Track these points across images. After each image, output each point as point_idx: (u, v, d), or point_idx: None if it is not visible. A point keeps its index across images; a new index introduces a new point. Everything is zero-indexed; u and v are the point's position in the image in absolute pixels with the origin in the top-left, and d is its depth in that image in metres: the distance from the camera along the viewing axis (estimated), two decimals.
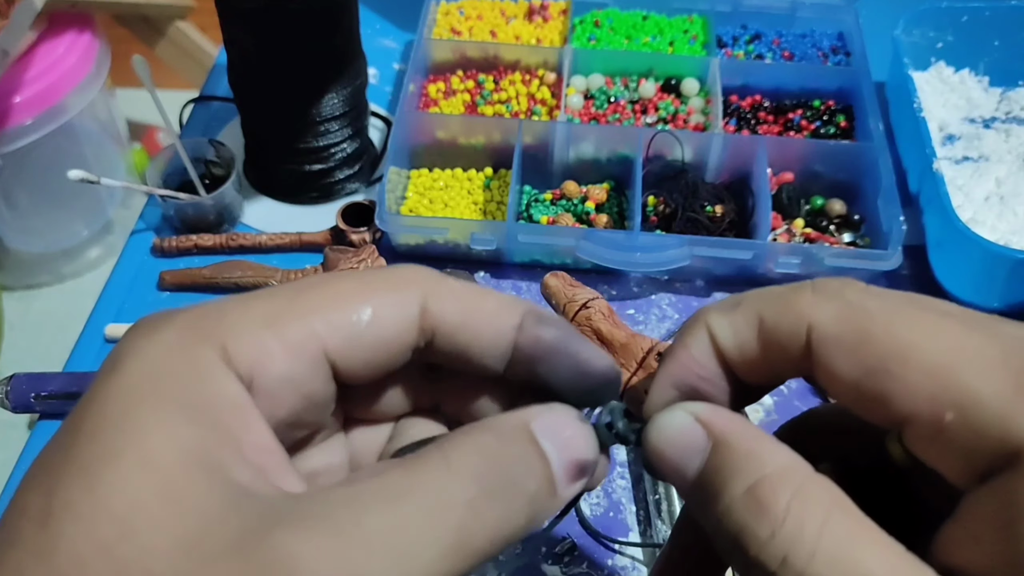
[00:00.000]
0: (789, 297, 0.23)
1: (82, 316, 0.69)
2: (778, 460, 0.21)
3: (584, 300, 0.48)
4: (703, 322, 0.24)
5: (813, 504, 0.20)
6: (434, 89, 0.79)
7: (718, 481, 0.21)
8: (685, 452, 0.22)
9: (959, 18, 0.78)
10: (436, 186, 0.74)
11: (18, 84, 1.17)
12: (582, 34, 0.83)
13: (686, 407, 0.23)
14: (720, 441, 0.22)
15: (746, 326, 0.23)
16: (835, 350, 0.22)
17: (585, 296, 0.48)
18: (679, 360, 0.24)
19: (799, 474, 0.20)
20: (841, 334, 0.21)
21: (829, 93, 0.78)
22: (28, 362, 0.75)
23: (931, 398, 0.20)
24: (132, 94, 1.51)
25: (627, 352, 0.47)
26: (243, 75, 0.72)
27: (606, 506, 0.58)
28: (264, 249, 0.73)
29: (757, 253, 0.66)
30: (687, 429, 0.22)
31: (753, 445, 0.21)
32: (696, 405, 0.23)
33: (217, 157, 0.75)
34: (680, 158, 0.72)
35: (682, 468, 0.22)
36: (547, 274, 0.50)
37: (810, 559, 0.19)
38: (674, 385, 0.24)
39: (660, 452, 0.23)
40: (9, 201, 1.34)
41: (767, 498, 0.20)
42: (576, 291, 0.48)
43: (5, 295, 1.49)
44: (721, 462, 0.21)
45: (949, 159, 0.75)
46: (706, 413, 0.22)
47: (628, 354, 0.47)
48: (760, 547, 0.20)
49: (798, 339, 0.22)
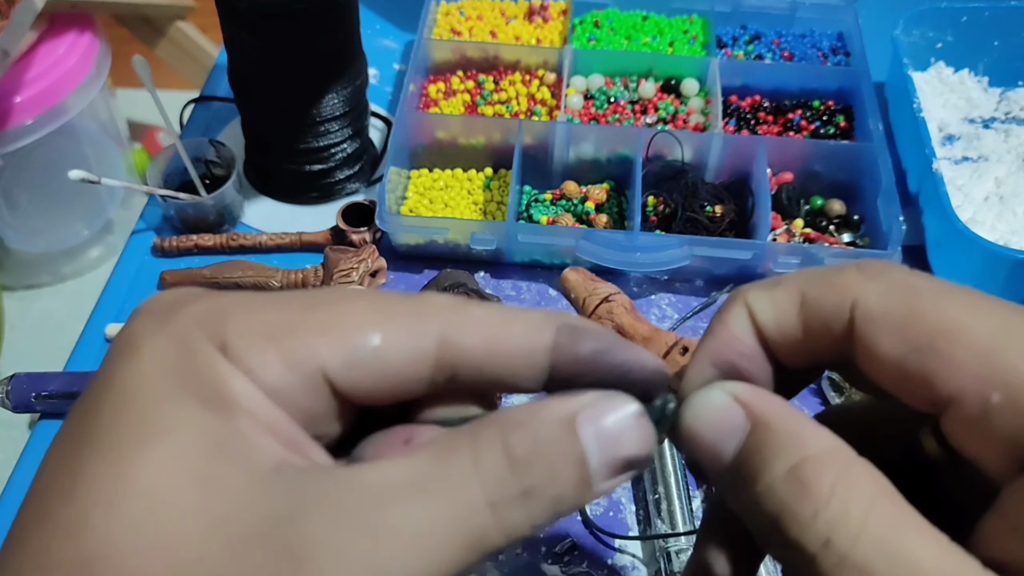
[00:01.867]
0: (833, 275, 0.22)
1: (83, 316, 0.69)
2: (822, 442, 0.20)
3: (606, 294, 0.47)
4: (742, 299, 0.23)
5: (859, 487, 0.19)
6: (434, 89, 0.79)
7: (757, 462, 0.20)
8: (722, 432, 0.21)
9: (959, 18, 0.79)
10: (436, 186, 0.74)
11: (19, 84, 1.17)
12: (582, 34, 0.83)
13: (724, 386, 0.22)
14: (760, 421, 0.21)
15: (788, 303, 0.23)
16: (881, 327, 0.21)
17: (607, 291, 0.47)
18: (717, 337, 0.23)
19: (844, 456, 0.20)
20: (887, 311, 0.21)
21: (829, 93, 0.78)
22: (29, 362, 0.75)
23: (978, 377, 0.19)
24: (133, 94, 1.51)
25: (650, 346, 0.46)
26: (244, 75, 0.72)
27: (606, 506, 0.58)
28: (264, 249, 0.73)
29: (757, 253, 0.66)
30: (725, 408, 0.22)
31: (796, 426, 0.21)
32: (734, 384, 0.22)
33: (217, 157, 0.76)
34: (680, 158, 0.72)
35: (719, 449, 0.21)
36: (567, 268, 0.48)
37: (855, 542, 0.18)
38: (713, 363, 0.23)
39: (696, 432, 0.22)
40: (10, 201, 1.35)
41: (811, 478, 0.19)
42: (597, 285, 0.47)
43: (6, 295, 1.49)
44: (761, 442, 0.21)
45: (948, 159, 0.75)
46: (746, 393, 0.22)
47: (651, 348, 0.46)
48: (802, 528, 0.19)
49: (841, 317, 0.22)
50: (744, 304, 0.23)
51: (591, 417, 0.20)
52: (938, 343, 0.20)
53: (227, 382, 0.20)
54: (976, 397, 0.20)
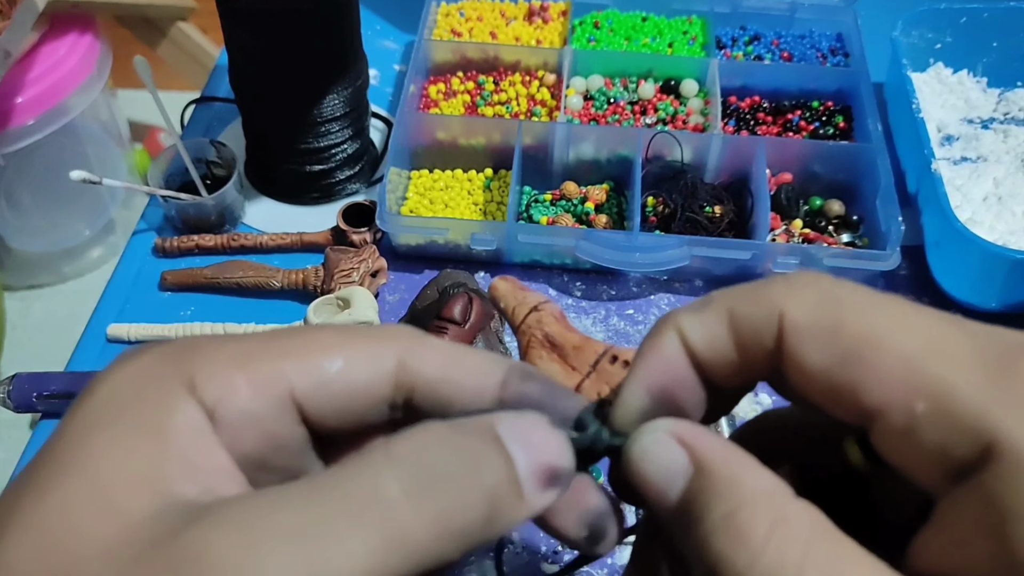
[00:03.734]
0: (760, 289, 0.22)
1: (84, 316, 0.69)
2: (758, 486, 0.20)
3: (534, 303, 0.47)
4: (673, 323, 0.23)
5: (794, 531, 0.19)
6: (434, 90, 0.79)
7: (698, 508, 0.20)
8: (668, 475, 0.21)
9: (957, 19, 0.79)
10: (436, 187, 0.74)
11: (20, 85, 1.17)
12: (582, 35, 0.83)
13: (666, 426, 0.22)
14: (702, 465, 0.21)
15: (717, 322, 0.22)
16: (807, 337, 0.21)
17: (535, 300, 0.47)
18: (649, 363, 0.23)
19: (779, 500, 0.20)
20: (814, 321, 0.21)
21: (828, 94, 0.78)
22: (30, 362, 0.76)
23: (904, 387, 0.19)
24: (134, 95, 1.52)
25: (580, 355, 0.45)
26: (244, 76, 0.72)
27: None
28: (265, 249, 0.73)
29: (756, 253, 0.66)
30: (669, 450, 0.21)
31: (734, 470, 0.20)
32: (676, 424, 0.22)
33: (218, 158, 0.76)
34: (679, 159, 0.72)
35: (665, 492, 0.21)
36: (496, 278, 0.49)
37: None
38: (646, 390, 0.23)
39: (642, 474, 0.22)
40: (11, 201, 1.35)
41: (746, 526, 0.19)
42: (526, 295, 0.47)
43: (7, 295, 1.49)
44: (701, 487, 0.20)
45: (947, 160, 0.76)
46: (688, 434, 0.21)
47: (582, 357, 0.45)
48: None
49: (770, 330, 0.21)
50: (675, 328, 0.23)
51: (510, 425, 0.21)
52: (863, 353, 0.20)
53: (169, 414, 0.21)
54: (902, 407, 0.19)
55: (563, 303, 0.69)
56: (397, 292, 0.70)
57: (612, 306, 0.69)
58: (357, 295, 0.64)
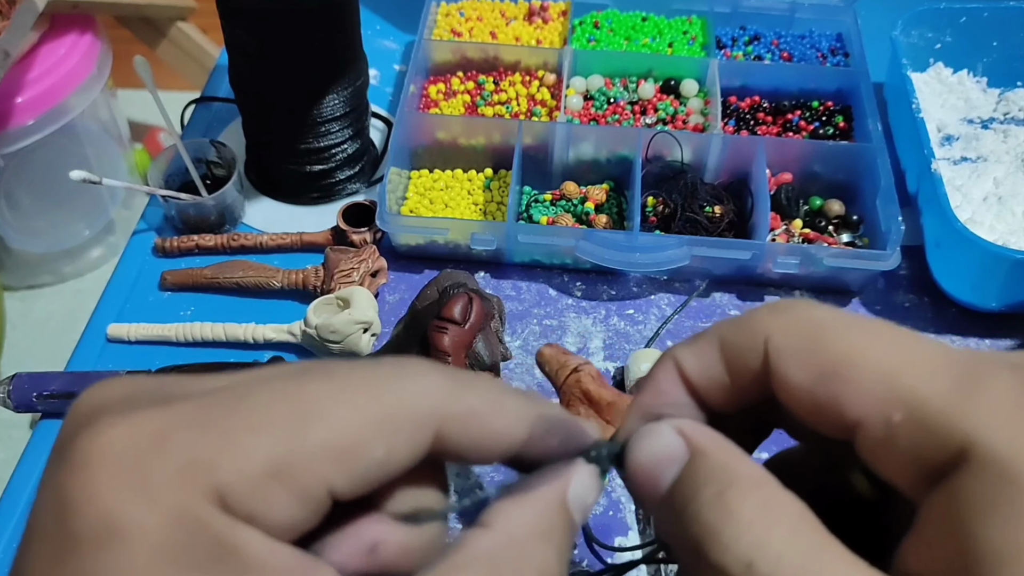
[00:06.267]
0: (747, 318, 0.24)
1: (84, 316, 0.69)
2: (751, 473, 0.21)
3: (575, 365, 0.54)
4: (670, 356, 0.25)
5: (780, 514, 0.20)
6: (434, 90, 0.79)
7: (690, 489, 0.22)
8: (663, 462, 0.23)
9: (957, 19, 0.79)
10: (436, 187, 0.74)
11: (20, 85, 1.18)
12: (582, 35, 0.83)
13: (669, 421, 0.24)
14: (698, 451, 0.22)
15: (709, 351, 0.24)
16: (789, 358, 0.22)
17: (576, 362, 0.54)
18: (647, 393, 0.25)
19: (769, 486, 0.21)
20: (795, 343, 0.23)
21: (828, 94, 0.78)
22: (30, 362, 0.76)
23: (880, 399, 0.21)
24: (134, 95, 1.52)
25: (613, 410, 0.51)
26: (244, 76, 0.72)
27: (606, 505, 0.58)
28: (265, 249, 0.73)
29: (756, 253, 0.66)
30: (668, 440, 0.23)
31: (729, 457, 0.22)
32: (679, 420, 0.24)
33: (218, 158, 0.76)
34: (679, 159, 0.72)
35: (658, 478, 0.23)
36: (543, 345, 0.56)
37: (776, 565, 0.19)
38: (643, 417, 0.25)
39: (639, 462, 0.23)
40: (11, 201, 1.35)
41: (735, 503, 0.20)
42: (568, 358, 0.54)
43: (7, 295, 1.50)
44: (696, 470, 0.22)
45: (947, 160, 0.76)
46: (688, 426, 0.23)
47: (614, 412, 0.51)
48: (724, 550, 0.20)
49: (757, 354, 0.23)
50: (671, 360, 0.25)
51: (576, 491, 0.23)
52: (842, 370, 0.21)
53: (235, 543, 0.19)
54: (879, 418, 0.21)
55: (563, 303, 0.69)
56: (397, 292, 0.70)
57: (612, 306, 0.69)
58: (357, 295, 0.64)
